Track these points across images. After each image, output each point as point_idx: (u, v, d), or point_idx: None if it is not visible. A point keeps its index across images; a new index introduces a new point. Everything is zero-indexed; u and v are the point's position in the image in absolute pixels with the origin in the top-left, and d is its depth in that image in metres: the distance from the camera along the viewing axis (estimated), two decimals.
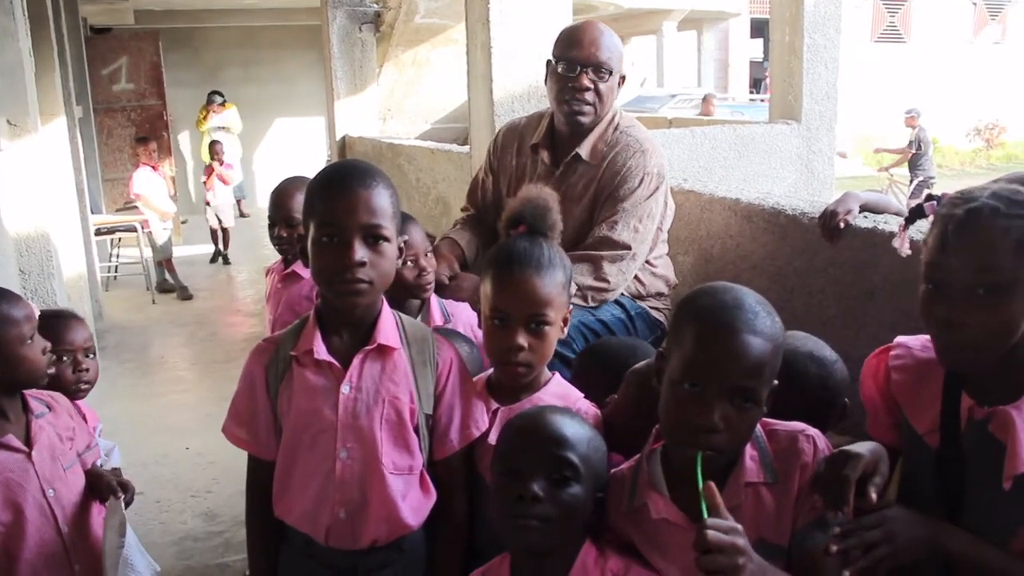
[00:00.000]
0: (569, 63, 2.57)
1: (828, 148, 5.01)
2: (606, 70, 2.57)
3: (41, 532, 2.02)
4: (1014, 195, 1.37)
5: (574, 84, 2.56)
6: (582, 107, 2.58)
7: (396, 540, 1.70)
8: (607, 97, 2.60)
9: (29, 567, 1.99)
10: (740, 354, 1.38)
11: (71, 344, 2.42)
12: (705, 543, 1.24)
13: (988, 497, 1.44)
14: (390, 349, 1.69)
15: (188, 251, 10.13)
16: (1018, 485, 1.40)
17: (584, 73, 2.55)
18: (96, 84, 11.04)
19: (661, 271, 2.76)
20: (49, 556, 2.03)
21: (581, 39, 2.59)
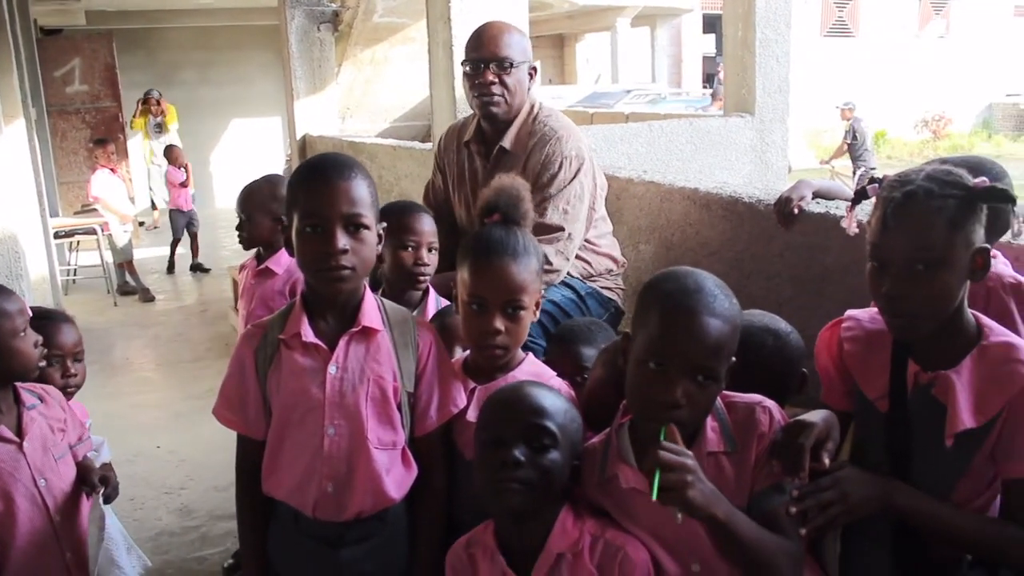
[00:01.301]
0: (474, 63, 2.75)
1: (781, 140, 5.16)
2: (508, 63, 2.72)
3: (32, 520, 2.07)
4: (946, 176, 1.50)
5: (480, 80, 2.72)
6: (491, 99, 2.73)
7: (379, 512, 1.79)
8: (515, 88, 2.75)
9: (21, 554, 2.05)
10: (700, 335, 1.48)
11: (60, 348, 2.46)
12: (657, 460, 1.37)
13: (932, 455, 1.56)
14: (374, 331, 1.77)
15: (149, 253, 10.09)
16: (957, 443, 1.52)
17: (488, 69, 2.71)
18: (49, 86, 10.91)
19: (605, 250, 2.88)
20: (41, 544, 2.09)
21: (482, 38, 2.77)
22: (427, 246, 2.44)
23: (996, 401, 1.50)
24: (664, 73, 21.13)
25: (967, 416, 1.51)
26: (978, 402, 1.51)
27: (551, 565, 1.55)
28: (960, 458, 1.54)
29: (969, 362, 1.54)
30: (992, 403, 1.51)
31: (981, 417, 1.51)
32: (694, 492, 1.38)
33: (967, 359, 1.54)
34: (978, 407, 1.51)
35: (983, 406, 1.51)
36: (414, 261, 2.41)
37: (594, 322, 2.32)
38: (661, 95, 15.88)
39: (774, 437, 1.54)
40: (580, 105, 13.36)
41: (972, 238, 1.49)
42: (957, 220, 1.47)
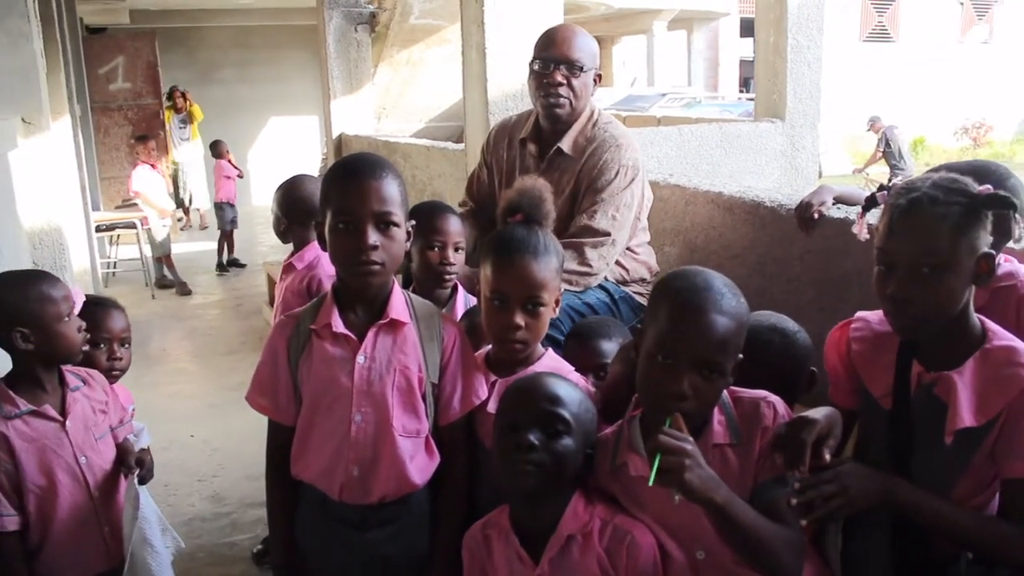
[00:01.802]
0: (544, 61, 2.79)
1: (811, 145, 5.17)
2: (578, 67, 2.77)
3: (73, 495, 2.19)
4: (951, 184, 1.55)
5: (549, 80, 2.77)
6: (558, 100, 2.78)
7: (403, 497, 1.87)
8: (581, 92, 2.80)
9: (62, 525, 2.17)
10: (707, 331, 1.55)
11: (109, 332, 2.56)
12: (657, 443, 1.45)
13: (932, 453, 1.61)
14: (401, 323, 1.86)
15: (188, 248, 10.28)
16: (957, 442, 1.57)
17: (558, 69, 2.76)
18: (93, 83, 11.18)
19: (643, 258, 2.94)
20: (80, 517, 2.21)
21: (555, 39, 2.81)
22: (453, 246, 2.50)
23: (996, 402, 1.55)
24: (700, 76, 21.08)
25: (967, 415, 1.55)
26: (979, 402, 1.56)
27: (562, 546, 1.62)
28: (960, 457, 1.59)
29: (972, 364, 1.58)
30: (992, 404, 1.55)
31: (981, 417, 1.55)
32: (691, 475, 1.45)
33: (970, 361, 1.59)
34: (979, 407, 1.56)
35: (984, 407, 1.56)
36: (440, 260, 2.48)
37: (609, 319, 2.39)
38: (696, 99, 15.88)
39: (777, 431, 1.60)
40: (615, 108, 13.39)
41: (976, 243, 1.54)
42: (961, 226, 1.53)
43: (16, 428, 2.11)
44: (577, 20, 16.82)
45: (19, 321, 2.11)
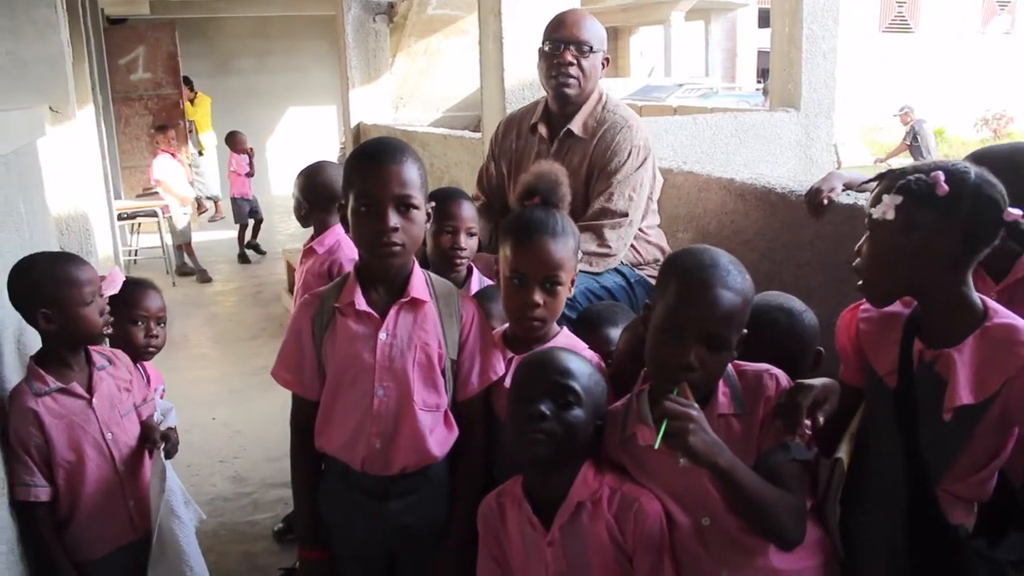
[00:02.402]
0: (554, 43, 2.87)
1: (826, 135, 5.21)
2: (587, 47, 2.85)
3: (100, 469, 2.28)
4: (912, 171, 1.63)
5: (559, 60, 2.85)
6: (567, 80, 2.85)
7: (423, 468, 1.95)
8: (590, 72, 2.87)
9: (90, 498, 2.26)
10: (713, 305, 1.63)
11: (147, 310, 2.66)
12: (663, 409, 1.53)
13: (935, 428, 1.66)
14: (421, 302, 1.93)
15: (208, 236, 10.40)
16: (957, 417, 1.62)
17: (567, 50, 2.84)
18: (114, 73, 11.28)
19: (655, 240, 3.01)
20: (107, 491, 2.30)
21: (564, 21, 2.89)
22: (465, 231, 2.57)
23: (995, 379, 1.59)
24: (718, 67, 21.05)
25: (965, 392, 1.60)
26: (977, 380, 1.60)
27: (572, 512, 1.69)
28: (961, 432, 1.64)
29: (972, 341, 1.63)
30: (991, 381, 1.60)
31: (980, 394, 1.60)
32: (695, 439, 1.53)
33: (970, 339, 1.63)
34: (977, 385, 1.60)
35: (982, 384, 1.60)
36: (451, 245, 2.55)
37: (617, 305, 2.45)
38: (713, 89, 15.88)
39: (778, 400, 1.67)
40: (632, 98, 13.40)
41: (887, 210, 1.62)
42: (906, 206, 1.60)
43: (46, 405, 2.20)
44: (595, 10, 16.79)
45: (42, 302, 2.19)
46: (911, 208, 1.58)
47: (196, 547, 2.50)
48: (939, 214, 1.58)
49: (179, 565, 2.41)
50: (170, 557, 2.40)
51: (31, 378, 2.21)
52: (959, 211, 1.57)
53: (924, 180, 1.57)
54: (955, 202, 1.57)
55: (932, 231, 1.58)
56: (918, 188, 1.57)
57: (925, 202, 1.57)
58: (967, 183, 1.58)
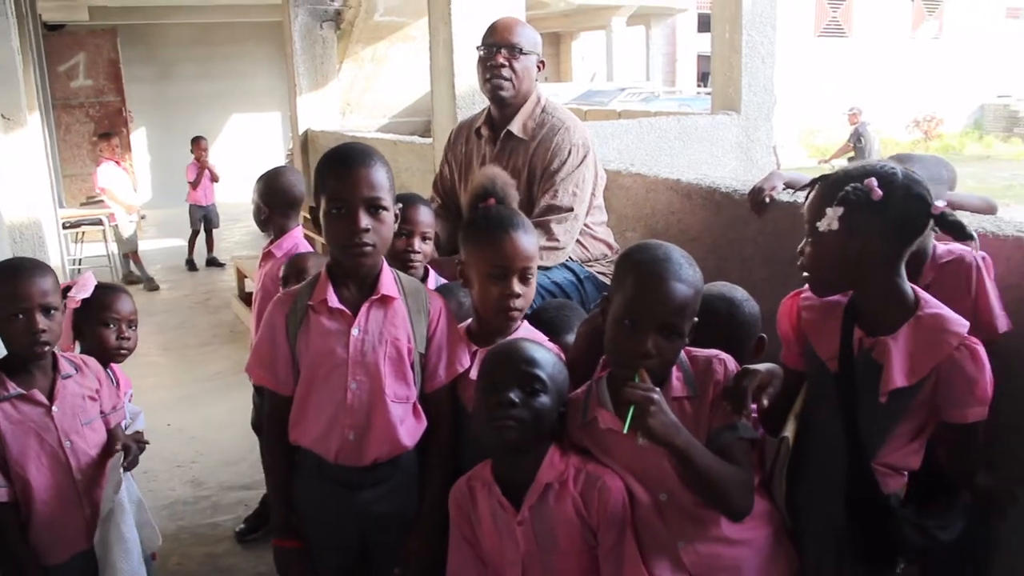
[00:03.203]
0: (487, 47, 3.02)
1: (766, 137, 5.39)
2: (517, 49, 2.98)
3: (56, 477, 2.28)
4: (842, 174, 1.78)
5: (492, 63, 2.99)
6: (500, 82, 2.99)
7: (394, 458, 2.03)
8: (522, 74, 3.01)
9: (44, 505, 2.26)
10: (668, 297, 1.75)
11: (118, 313, 2.68)
12: (626, 394, 1.66)
13: (872, 409, 1.80)
14: (391, 299, 2.01)
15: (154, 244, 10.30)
16: (892, 398, 1.77)
17: (499, 53, 2.97)
18: (53, 80, 11.14)
19: (601, 235, 3.15)
20: (63, 499, 2.29)
21: (496, 27, 3.04)
22: (420, 235, 2.65)
23: (926, 364, 1.74)
24: (659, 72, 21.38)
25: (900, 377, 1.75)
26: (910, 365, 1.75)
27: (540, 493, 1.79)
28: (894, 411, 1.79)
29: (906, 329, 1.77)
30: (922, 366, 1.75)
31: (912, 377, 1.75)
32: (655, 421, 1.65)
33: (904, 327, 1.78)
34: (910, 369, 1.75)
35: (914, 368, 1.75)
36: (405, 247, 2.62)
37: (567, 306, 2.54)
38: (655, 93, 16.11)
39: (726, 383, 1.80)
40: (575, 102, 13.58)
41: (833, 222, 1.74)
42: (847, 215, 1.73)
43: (4, 410, 2.21)
44: (537, 16, 16.99)
45: None
46: (851, 216, 1.71)
47: (137, 567, 2.40)
48: (876, 217, 1.71)
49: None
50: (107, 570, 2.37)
51: None
52: (893, 210, 1.72)
53: (860, 189, 1.70)
54: (888, 203, 1.71)
55: (871, 233, 1.72)
56: (856, 197, 1.70)
57: (863, 208, 1.70)
58: (897, 184, 1.72)
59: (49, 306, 2.24)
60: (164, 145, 14.10)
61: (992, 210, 2.51)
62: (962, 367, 1.72)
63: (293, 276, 2.99)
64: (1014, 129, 22.77)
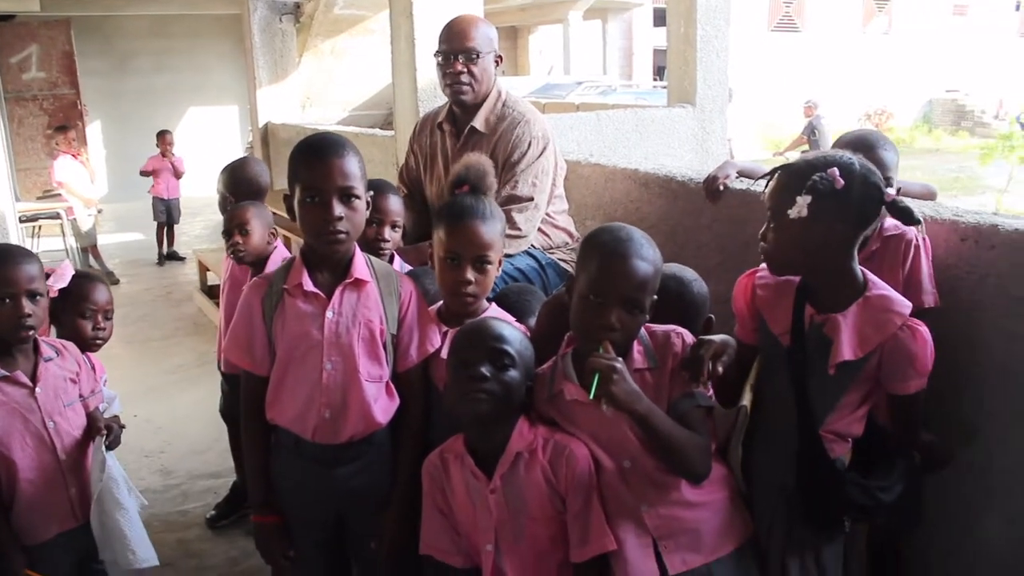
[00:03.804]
0: (445, 55, 3.09)
1: (720, 129, 5.53)
2: (475, 53, 3.06)
3: (41, 457, 2.35)
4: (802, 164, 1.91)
5: (451, 70, 3.06)
6: (461, 87, 3.07)
7: (368, 435, 2.12)
8: (481, 76, 3.09)
9: (29, 484, 2.33)
10: (630, 274, 1.87)
11: (95, 304, 2.72)
12: (591, 363, 1.78)
13: (821, 381, 1.94)
14: (364, 282, 2.10)
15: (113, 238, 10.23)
16: (839, 371, 1.91)
17: (457, 60, 3.05)
18: (5, 73, 10.98)
19: (562, 224, 3.26)
20: (48, 479, 2.37)
21: (452, 32, 3.10)
22: (390, 224, 2.73)
23: (872, 340, 1.89)
24: (615, 65, 21.52)
25: (847, 351, 1.89)
26: (858, 340, 1.90)
27: (511, 462, 1.90)
28: (841, 382, 1.93)
29: (855, 308, 1.92)
30: (869, 342, 1.89)
31: (859, 352, 1.89)
32: (618, 389, 1.77)
33: (853, 306, 1.92)
34: (858, 344, 1.90)
35: (862, 343, 1.89)
36: (375, 236, 2.69)
37: (527, 290, 2.63)
38: (612, 87, 16.26)
39: (684, 354, 1.92)
40: (533, 96, 13.66)
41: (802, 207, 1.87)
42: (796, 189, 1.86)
43: None
44: (494, 10, 17.03)
45: None
46: (816, 203, 1.84)
47: (140, 531, 2.56)
48: (838, 204, 1.84)
49: (123, 550, 2.49)
50: (115, 542, 2.47)
51: None
52: (852, 198, 1.85)
53: (826, 178, 1.83)
54: (848, 191, 1.84)
55: (833, 219, 1.86)
56: (823, 187, 1.83)
57: (827, 196, 1.83)
58: (856, 173, 1.86)
59: (35, 292, 2.32)
60: (121, 139, 13.94)
61: (932, 196, 2.67)
62: (905, 345, 1.87)
63: (236, 229, 3.16)
64: (961, 123, 23.36)
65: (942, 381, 1.99)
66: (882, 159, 2.25)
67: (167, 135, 9.34)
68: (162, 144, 9.25)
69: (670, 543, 1.88)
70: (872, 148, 2.27)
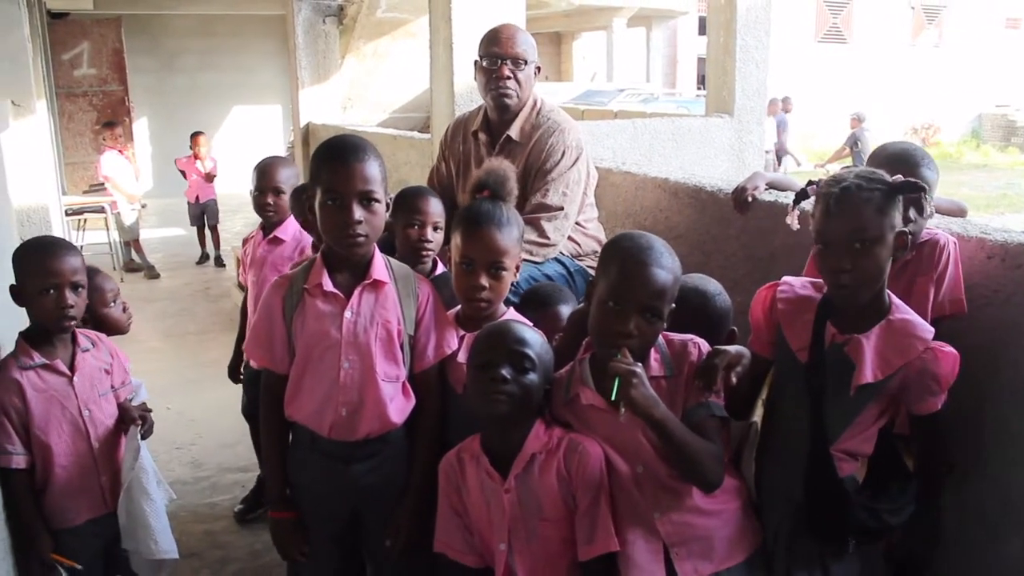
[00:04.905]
0: (491, 58, 3.10)
1: (758, 140, 5.51)
2: (522, 61, 3.10)
3: (75, 444, 2.44)
4: (871, 175, 1.90)
5: (497, 74, 3.09)
6: (507, 92, 3.10)
7: (384, 434, 2.15)
8: (525, 83, 3.12)
9: (63, 470, 2.41)
10: (649, 282, 1.88)
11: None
12: (611, 368, 1.79)
13: (838, 400, 1.93)
14: (382, 283, 2.13)
15: (156, 233, 10.41)
16: (858, 393, 1.91)
17: (504, 64, 3.07)
18: (57, 69, 11.23)
19: (592, 232, 3.27)
20: (81, 465, 2.45)
21: (500, 37, 3.12)
22: (432, 225, 2.75)
23: (893, 364, 1.89)
24: (659, 73, 21.47)
25: (869, 373, 1.89)
26: (879, 363, 1.89)
27: (526, 463, 1.92)
28: (858, 403, 1.93)
29: (877, 330, 1.91)
30: (889, 365, 1.89)
31: (880, 375, 1.89)
32: (636, 392, 1.78)
33: (876, 328, 1.92)
34: (879, 367, 1.89)
35: (883, 366, 1.89)
36: (418, 238, 2.73)
37: (558, 286, 2.68)
38: (654, 95, 16.22)
39: (699, 363, 1.93)
40: (574, 102, 13.70)
41: (894, 222, 1.88)
42: (882, 207, 1.86)
43: (29, 378, 2.36)
44: (538, 16, 17.08)
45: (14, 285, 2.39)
46: (889, 208, 1.87)
47: (165, 523, 2.62)
48: (898, 211, 1.88)
49: (146, 539, 2.54)
50: (139, 532, 2.53)
51: (18, 352, 2.38)
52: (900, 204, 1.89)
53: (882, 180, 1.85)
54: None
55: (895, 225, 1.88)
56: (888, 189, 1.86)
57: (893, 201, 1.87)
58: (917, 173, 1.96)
59: (77, 283, 2.40)
60: (166, 135, 14.18)
61: (962, 213, 2.64)
62: (929, 370, 1.88)
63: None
64: (1011, 139, 22.90)
65: (964, 400, 1.98)
66: (924, 177, 2.22)
67: (199, 136, 9.14)
68: (194, 146, 9.08)
69: (682, 550, 1.89)
70: (916, 167, 2.23)
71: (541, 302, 2.52)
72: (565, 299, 2.50)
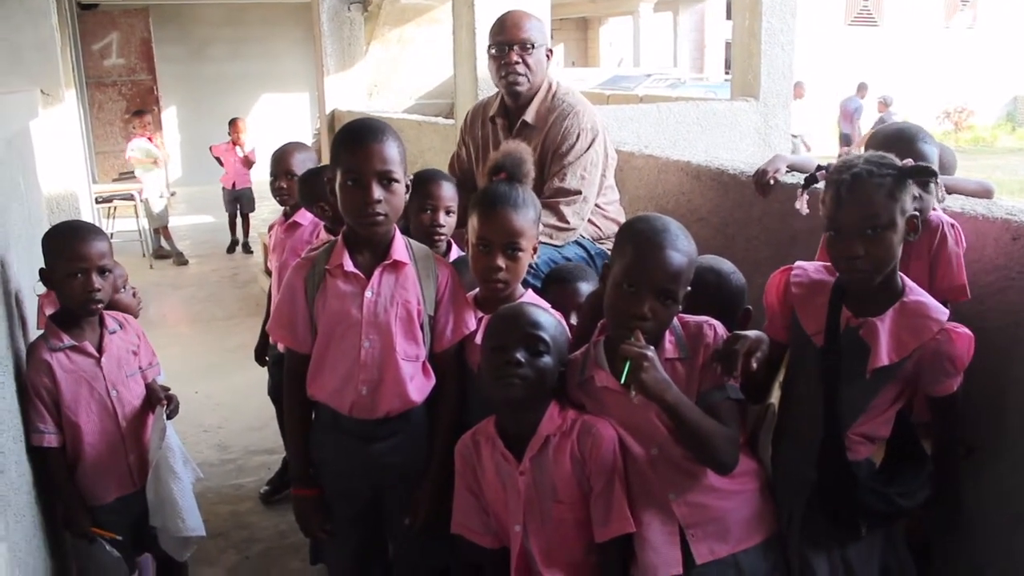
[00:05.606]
0: (499, 46, 3.12)
1: (784, 123, 5.45)
2: (529, 45, 3.09)
3: (103, 422, 2.50)
4: (881, 160, 1.88)
5: (506, 60, 3.09)
6: (516, 78, 3.10)
7: (404, 413, 2.18)
8: (535, 67, 3.12)
9: (92, 449, 2.47)
10: (664, 264, 1.87)
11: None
12: (623, 350, 1.79)
13: (853, 383, 1.92)
14: (402, 264, 2.15)
15: (184, 220, 10.51)
16: (874, 376, 1.90)
17: (512, 51, 3.08)
18: (87, 59, 11.36)
19: (613, 215, 3.26)
20: (109, 444, 2.51)
21: (506, 24, 3.14)
22: (444, 209, 2.77)
23: (908, 346, 1.87)
24: (686, 58, 21.33)
25: (884, 356, 1.88)
26: (894, 345, 1.88)
27: (541, 445, 1.93)
28: (873, 386, 1.92)
29: (892, 313, 1.90)
30: (904, 347, 1.87)
31: (895, 357, 1.88)
32: (648, 376, 1.77)
33: (890, 311, 1.90)
34: (894, 349, 1.88)
35: (898, 349, 1.88)
36: (431, 222, 2.75)
37: (581, 265, 2.71)
38: (681, 80, 16.12)
39: (717, 346, 1.92)
40: (601, 87, 13.66)
41: (905, 207, 1.86)
42: (893, 192, 1.84)
43: (59, 360, 2.42)
44: (563, 1, 17.01)
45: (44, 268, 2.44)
46: (900, 193, 1.85)
47: (192, 501, 2.68)
48: (909, 195, 1.86)
49: (173, 517, 2.60)
50: (166, 509, 2.59)
51: (48, 335, 2.43)
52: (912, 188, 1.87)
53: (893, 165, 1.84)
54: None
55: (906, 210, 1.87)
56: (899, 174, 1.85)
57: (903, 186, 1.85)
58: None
59: (104, 268, 2.45)
60: (195, 124, 14.32)
61: (988, 194, 2.61)
62: (944, 351, 1.86)
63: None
64: None
65: (986, 384, 1.96)
66: (922, 152, 2.21)
67: (238, 122, 9.28)
68: (233, 132, 9.18)
69: (698, 531, 1.89)
70: (912, 141, 2.23)
71: (562, 278, 2.55)
72: (586, 276, 2.52)
